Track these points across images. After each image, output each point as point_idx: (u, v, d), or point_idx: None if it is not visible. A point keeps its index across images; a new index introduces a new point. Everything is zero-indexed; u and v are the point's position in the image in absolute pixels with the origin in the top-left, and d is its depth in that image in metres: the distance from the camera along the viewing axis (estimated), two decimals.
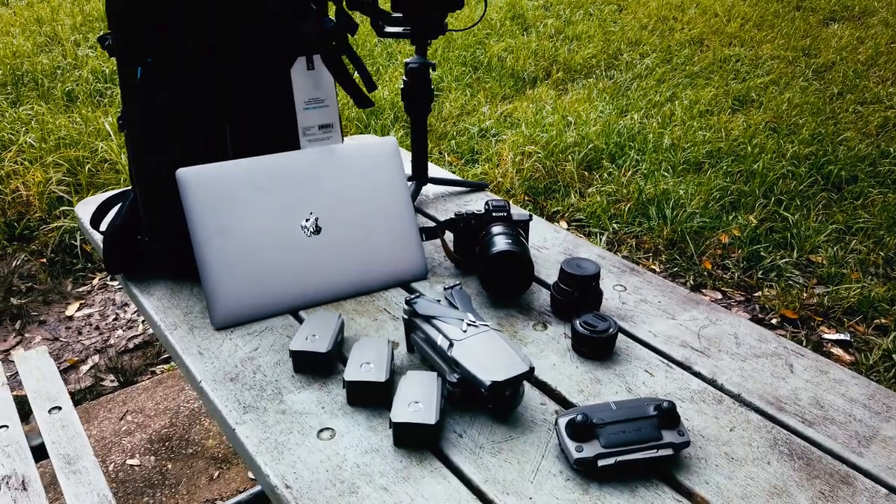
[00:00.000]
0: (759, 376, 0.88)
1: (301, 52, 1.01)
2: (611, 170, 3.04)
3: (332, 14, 1.03)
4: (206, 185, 0.96)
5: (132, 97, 0.98)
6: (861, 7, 5.99)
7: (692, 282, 2.38)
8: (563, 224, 2.74)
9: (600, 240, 2.58)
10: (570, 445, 0.73)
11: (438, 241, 1.17)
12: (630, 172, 2.99)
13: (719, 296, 2.33)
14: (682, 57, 4.62)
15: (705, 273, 2.42)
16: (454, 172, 3.13)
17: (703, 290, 2.36)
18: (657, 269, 2.47)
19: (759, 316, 2.23)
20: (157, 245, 1.05)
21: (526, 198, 2.90)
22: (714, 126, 3.47)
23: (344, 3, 1.04)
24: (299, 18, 0.97)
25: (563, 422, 0.75)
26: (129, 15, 0.93)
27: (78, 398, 1.90)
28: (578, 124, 3.45)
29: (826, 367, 0.90)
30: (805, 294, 2.28)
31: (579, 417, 0.73)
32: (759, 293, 2.31)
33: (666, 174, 2.97)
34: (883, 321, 2.17)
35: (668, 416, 0.74)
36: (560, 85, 4.22)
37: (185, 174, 0.96)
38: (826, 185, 2.95)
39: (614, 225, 2.66)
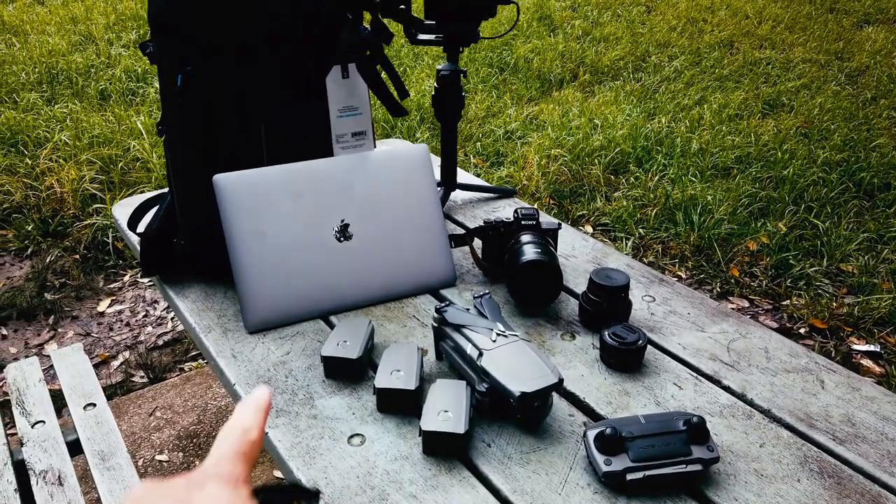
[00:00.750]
0: (790, 392, 0.87)
1: (337, 61, 1.02)
2: (637, 174, 3.02)
3: (367, 23, 1.04)
4: (241, 190, 0.98)
5: (172, 104, 1.00)
6: None
7: (719, 289, 2.36)
8: (589, 228, 2.73)
9: (626, 245, 2.57)
10: (599, 458, 0.73)
11: (467, 247, 1.18)
12: (657, 177, 2.97)
13: (746, 304, 2.30)
14: (712, 59, 4.57)
15: (732, 280, 2.39)
16: (479, 175, 3.13)
17: (731, 298, 2.33)
18: (683, 275, 2.45)
19: (787, 325, 2.20)
20: (192, 248, 1.07)
21: (551, 201, 2.89)
22: (743, 130, 3.42)
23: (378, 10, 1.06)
24: (336, 27, 0.99)
25: (591, 434, 0.75)
26: (168, 22, 0.95)
27: (109, 393, 1.94)
28: (605, 127, 3.43)
29: (858, 383, 0.89)
30: (835, 304, 2.25)
31: (608, 430, 0.73)
32: (788, 302, 2.28)
33: (693, 179, 2.95)
34: None
35: (697, 430, 0.74)
36: (587, 87, 4.20)
37: (222, 180, 0.98)
38: (858, 193, 2.90)
39: (640, 230, 2.65)
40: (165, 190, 1.20)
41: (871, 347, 2.08)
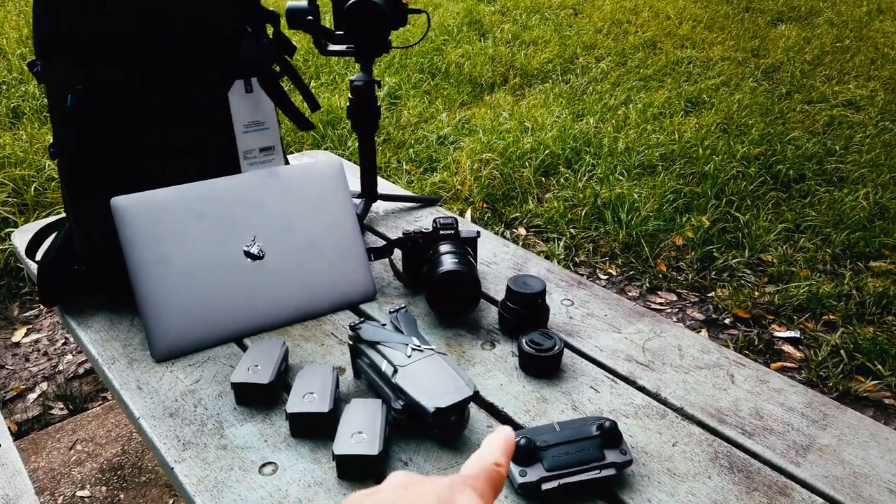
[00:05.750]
0: (702, 388, 0.89)
1: (238, 76, 0.99)
2: (567, 175, 3.06)
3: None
4: (142, 213, 0.94)
5: (63, 124, 0.95)
6: (807, 7, 6.17)
7: (648, 284, 2.42)
8: (522, 231, 2.75)
9: (558, 245, 2.60)
10: (514, 470, 0.72)
11: (387, 260, 1.16)
12: (586, 177, 3.03)
13: (675, 297, 2.37)
14: (636, 60, 4.69)
15: (661, 275, 2.46)
16: (413, 181, 3.12)
17: (659, 293, 2.39)
18: (614, 273, 2.50)
19: (714, 316, 2.27)
20: (93, 275, 1.02)
21: (485, 205, 2.91)
22: (667, 128, 3.53)
23: (283, 22, 1.03)
24: (236, 41, 0.96)
25: None
26: (55, 40, 0.90)
27: (25, 429, 1.84)
28: (535, 130, 3.47)
29: (766, 376, 0.91)
30: (756, 293, 2.34)
31: (522, 441, 0.73)
32: (713, 294, 2.36)
33: (621, 178, 3.01)
34: (831, 317, 2.23)
35: (610, 435, 0.75)
36: (517, 90, 4.25)
37: (120, 203, 0.93)
38: (775, 185, 3.03)
39: (571, 230, 2.69)
40: (64, 215, 1.14)
41: (792, 333, 2.17)
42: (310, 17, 1.14)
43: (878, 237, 2.62)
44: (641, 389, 0.89)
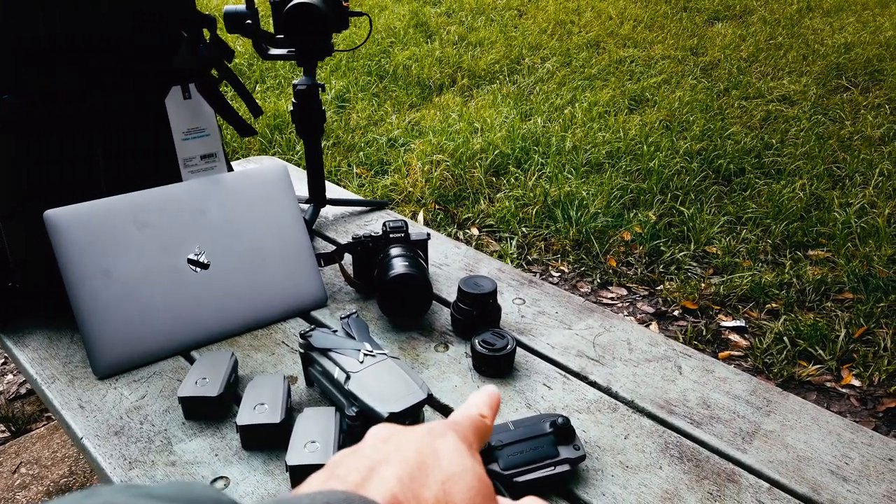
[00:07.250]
0: (651, 380, 0.91)
1: (175, 82, 0.96)
2: (517, 174, 3.09)
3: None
4: (78, 225, 0.91)
5: None
6: (742, 6, 6.38)
7: (599, 280, 2.46)
8: (475, 231, 2.76)
9: (511, 244, 2.62)
10: None
11: (337, 265, 1.15)
12: (535, 176, 3.06)
13: (625, 292, 2.41)
14: (581, 60, 4.77)
15: (611, 271, 2.50)
16: (364, 185, 3.10)
17: (610, 287, 2.44)
18: (566, 270, 2.53)
19: (663, 309, 2.32)
20: (29, 290, 0.98)
21: (437, 206, 2.91)
22: (612, 126, 3.60)
23: (220, 27, 1.01)
24: (172, 47, 0.93)
25: None
26: None
27: None
28: (484, 130, 3.50)
29: (711, 365, 0.94)
30: (703, 284, 2.40)
31: None
32: (661, 287, 2.41)
33: (569, 176, 3.06)
34: (773, 305, 2.31)
35: (563, 431, 0.76)
36: (465, 91, 4.27)
37: (55, 216, 0.90)
38: (717, 179, 3.12)
39: (523, 229, 2.72)
40: None
41: (737, 323, 2.24)
42: (249, 21, 1.12)
43: (814, 227, 2.73)
44: (593, 384, 0.90)
